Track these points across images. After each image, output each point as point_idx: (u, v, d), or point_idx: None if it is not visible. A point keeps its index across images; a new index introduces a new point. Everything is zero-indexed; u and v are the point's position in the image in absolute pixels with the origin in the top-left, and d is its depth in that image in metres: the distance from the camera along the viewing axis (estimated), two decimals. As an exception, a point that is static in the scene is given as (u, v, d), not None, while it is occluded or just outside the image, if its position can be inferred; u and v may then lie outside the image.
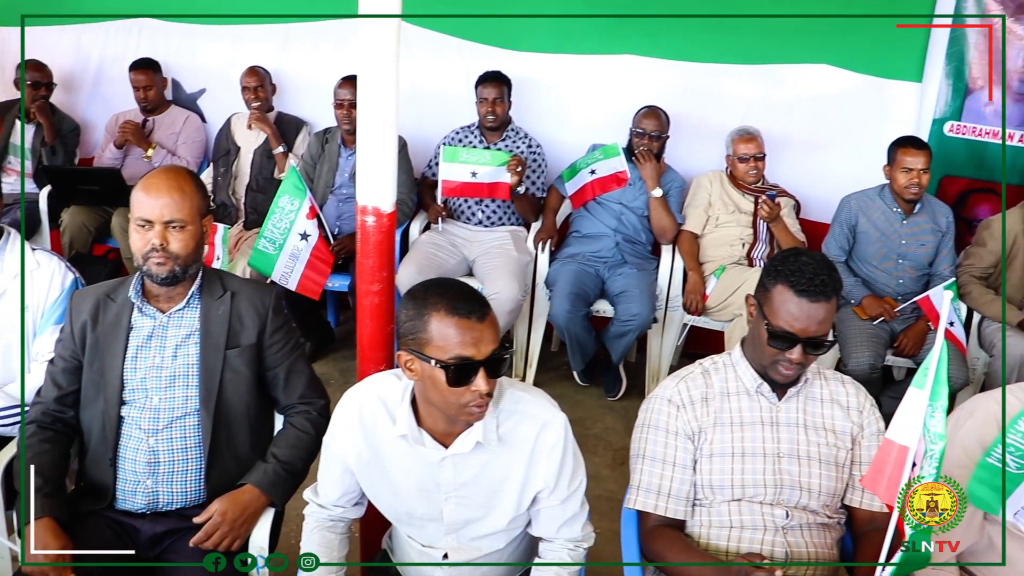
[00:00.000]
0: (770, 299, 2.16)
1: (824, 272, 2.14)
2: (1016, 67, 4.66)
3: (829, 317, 2.14)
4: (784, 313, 2.13)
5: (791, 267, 2.14)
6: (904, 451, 1.93)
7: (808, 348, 2.15)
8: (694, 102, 4.71)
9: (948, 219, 4.21)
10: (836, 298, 2.16)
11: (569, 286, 4.14)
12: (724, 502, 2.24)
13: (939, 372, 1.91)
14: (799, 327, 2.12)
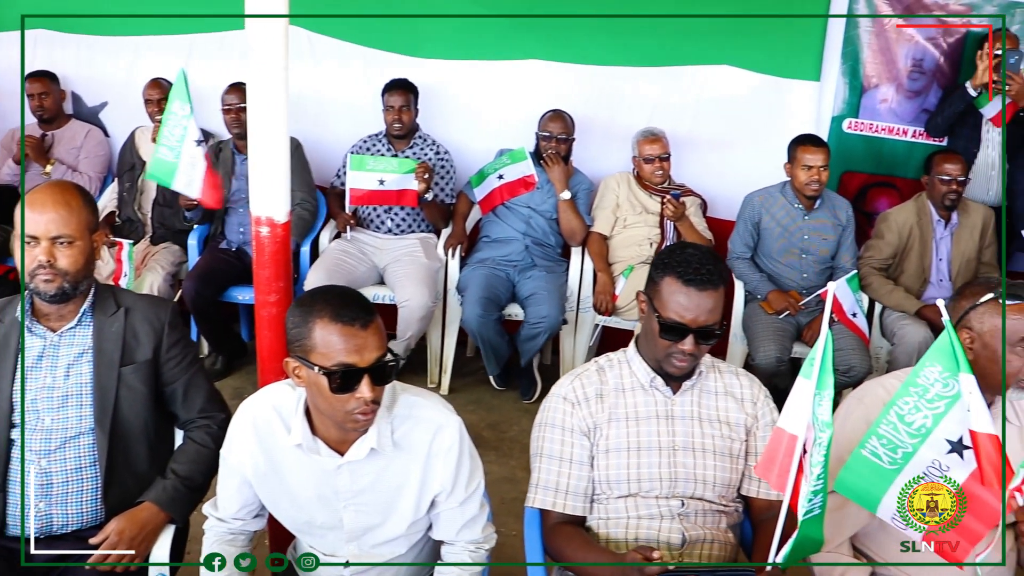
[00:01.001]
0: (659, 292, 2.19)
1: (710, 262, 2.18)
2: (907, 66, 4.80)
3: (718, 306, 2.18)
4: (674, 304, 2.16)
5: (677, 259, 2.18)
6: (793, 439, 1.97)
7: (699, 338, 2.18)
8: (600, 105, 4.76)
9: (848, 213, 4.33)
10: (723, 287, 2.20)
11: (480, 291, 4.15)
12: (620, 497, 2.26)
13: (824, 361, 1.95)
14: (689, 317, 2.15)
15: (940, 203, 4.22)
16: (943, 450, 2.10)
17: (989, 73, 4.20)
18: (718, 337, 2.22)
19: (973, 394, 2.02)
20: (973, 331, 2.26)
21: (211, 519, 2.24)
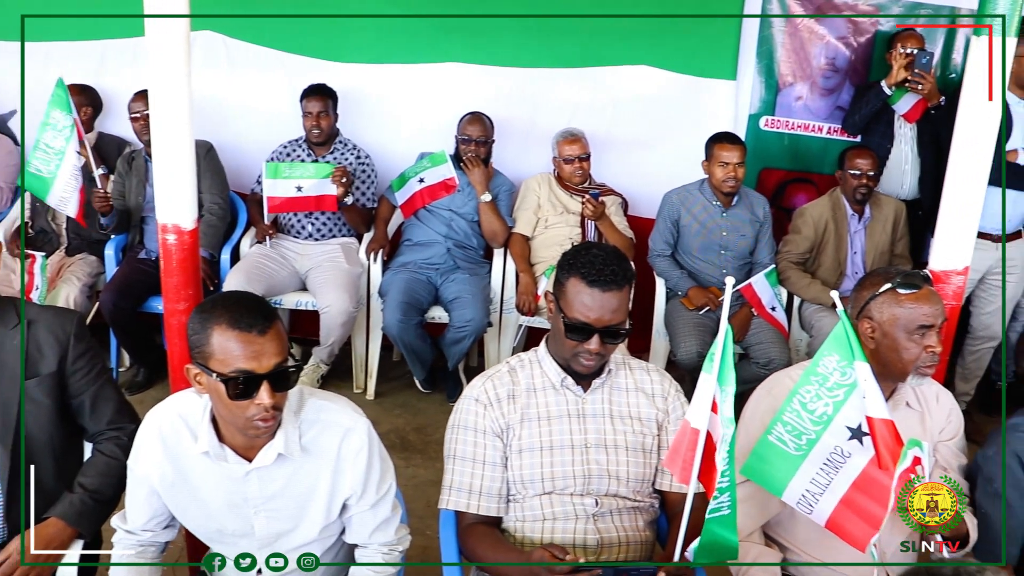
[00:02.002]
0: (565, 293, 2.21)
1: (614, 262, 2.19)
2: (820, 64, 4.90)
3: (623, 305, 2.20)
4: (579, 304, 2.18)
5: (582, 260, 2.20)
6: (695, 433, 2.01)
7: (606, 337, 2.20)
8: (520, 107, 4.77)
9: (765, 209, 4.40)
10: (629, 287, 2.22)
11: (401, 295, 4.14)
12: (535, 496, 2.28)
13: (725, 357, 1.99)
14: (594, 317, 2.17)
15: (852, 197, 4.32)
16: (844, 436, 2.16)
17: (927, 73, 4.30)
18: (624, 336, 2.25)
19: (868, 381, 2.07)
20: (874, 320, 2.32)
21: (119, 532, 2.20)
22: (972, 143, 2.49)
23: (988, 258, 4.29)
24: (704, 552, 2.07)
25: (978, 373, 4.64)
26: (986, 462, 2.44)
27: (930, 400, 2.48)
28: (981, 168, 2.51)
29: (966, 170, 2.52)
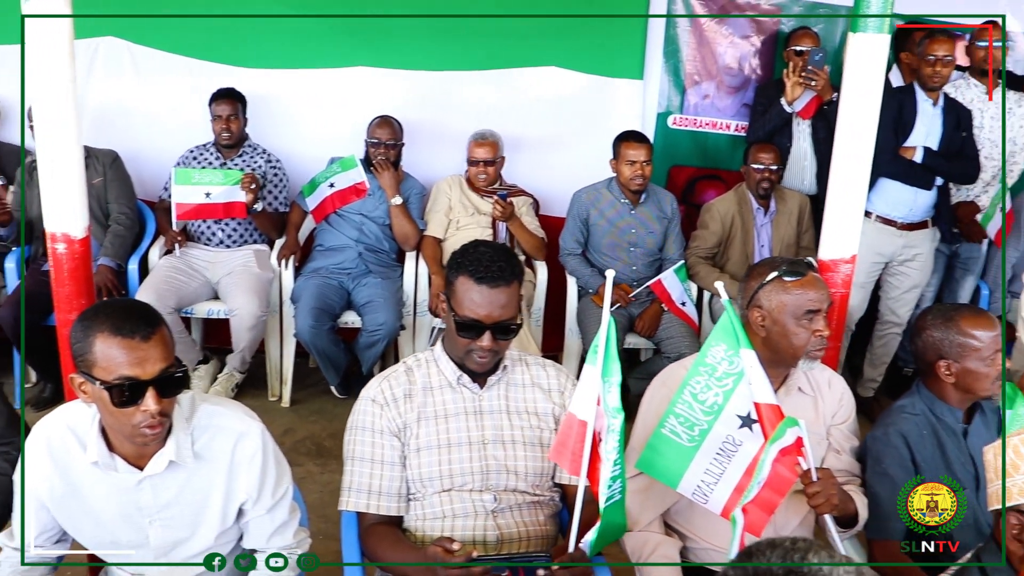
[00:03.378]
0: (455, 291, 2.23)
1: (502, 259, 2.22)
2: (725, 63, 5.01)
3: (512, 301, 2.22)
4: (468, 302, 2.20)
5: (470, 258, 2.22)
6: (583, 425, 2.03)
7: (497, 334, 2.22)
8: (430, 110, 4.78)
9: (673, 206, 4.47)
10: (517, 283, 2.25)
11: (312, 300, 4.11)
12: (435, 493, 2.29)
13: (608, 349, 2.02)
14: (483, 314, 2.19)
15: (757, 192, 4.41)
16: (735, 425, 2.21)
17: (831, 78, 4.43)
18: (515, 332, 2.27)
19: (753, 368, 2.12)
20: (763, 309, 2.37)
21: (6, 550, 2.15)
22: (854, 138, 2.58)
23: (893, 244, 4.43)
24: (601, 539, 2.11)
25: (886, 359, 4.77)
26: (875, 443, 2.52)
27: (822, 385, 2.54)
28: (863, 161, 2.59)
29: (849, 163, 2.60)
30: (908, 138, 4.27)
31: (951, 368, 2.45)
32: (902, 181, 4.30)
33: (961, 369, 2.44)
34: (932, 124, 4.29)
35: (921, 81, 4.21)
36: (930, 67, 4.15)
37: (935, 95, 4.28)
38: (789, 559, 1.16)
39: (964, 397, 2.50)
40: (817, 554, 1.16)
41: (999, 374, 2.42)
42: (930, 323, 2.52)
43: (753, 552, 1.20)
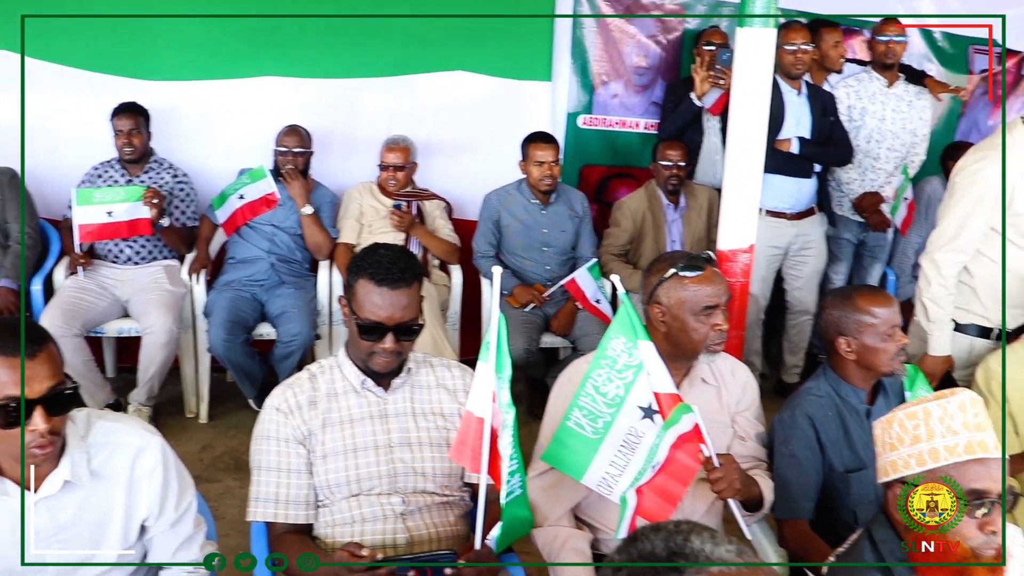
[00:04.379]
0: (355, 295, 2.23)
1: (401, 260, 2.23)
2: (632, 62, 5.08)
3: (413, 303, 2.23)
4: (369, 305, 2.20)
5: (369, 261, 2.22)
6: (480, 422, 2.05)
7: (399, 335, 2.22)
8: (340, 118, 4.76)
9: (584, 205, 4.52)
10: (418, 284, 2.26)
11: (225, 314, 4.06)
12: (343, 499, 2.28)
13: (500, 345, 2.04)
14: (385, 315, 2.19)
15: (666, 188, 4.48)
16: (637, 416, 2.24)
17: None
18: (417, 332, 2.28)
19: (651, 358, 2.16)
20: (662, 305, 2.41)
21: None
22: (746, 131, 2.63)
23: (786, 235, 4.56)
24: (507, 534, 2.12)
25: (802, 345, 4.90)
26: (781, 425, 2.58)
27: (725, 374, 2.59)
28: (756, 154, 2.65)
29: (742, 155, 2.66)
30: (780, 130, 4.38)
31: (851, 345, 2.52)
32: (782, 173, 4.43)
33: (860, 345, 2.51)
34: (800, 113, 4.42)
35: (784, 70, 4.33)
36: (791, 55, 4.27)
37: (798, 84, 4.41)
38: (672, 542, 1.18)
39: (866, 375, 2.57)
40: (700, 536, 1.18)
41: (898, 349, 2.49)
42: (829, 303, 2.60)
43: (638, 536, 1.22)
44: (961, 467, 1.73)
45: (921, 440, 1.77)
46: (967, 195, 3.09)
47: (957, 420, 1.76)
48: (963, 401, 1.78)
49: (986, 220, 3.08)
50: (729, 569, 1.13)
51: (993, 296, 3.19)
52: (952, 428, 1.75)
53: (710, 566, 1.13)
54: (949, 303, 3.16)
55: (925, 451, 1.76)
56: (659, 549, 1.16)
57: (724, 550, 1.15)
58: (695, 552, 1.15)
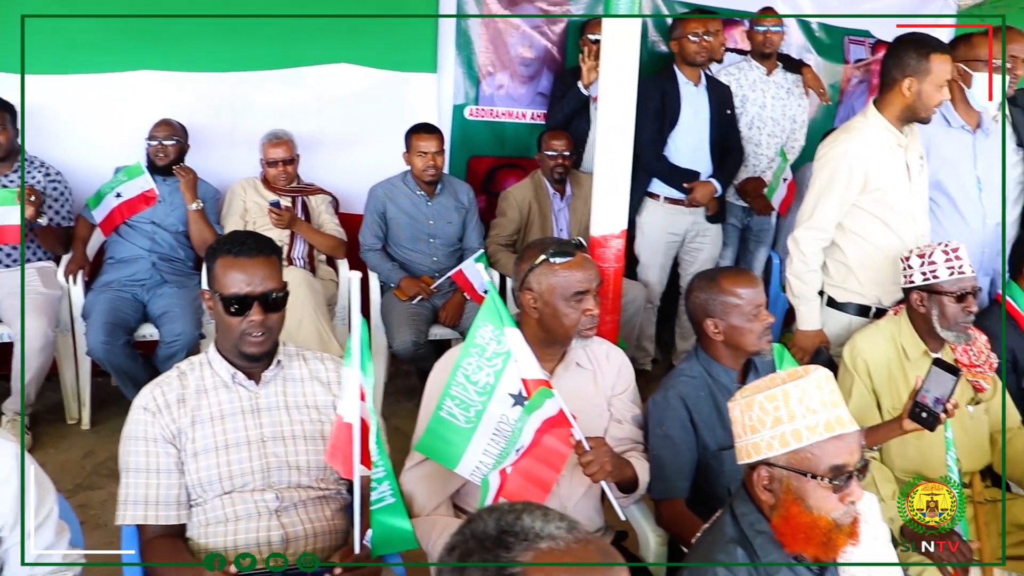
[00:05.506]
0: (216, 276, 2.25)
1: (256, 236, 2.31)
2: (518, 54, 5.09)
3: (274, 273, 2.27)
4: (230, 279, 2.22)
5: (223, 240, 2.31)
6: (348, 427, 2.02)
7: (265, 307, 2.23)
8: (221, 113, 4.66)
9: (470, 196, 4.53)
10: (276, 258, 2.30)
11: (104, 316, 3.94)
12: (216, 496, 2.25)
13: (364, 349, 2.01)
14: (247, 288, 2.21)
15: (552, 177, 4.52)
16: (508, 404, 2.25)
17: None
18: (282, 303, 2.28)
19: (518, 345, 2.17)
20: (534, 291, 2.44)
21: None
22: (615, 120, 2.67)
23: (684, 222, 4.64)
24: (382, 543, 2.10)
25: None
26: (655, 407, 2.63)
27: (600, 358, 2.62)
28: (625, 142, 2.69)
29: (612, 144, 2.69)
30: (677, 123, 4.46)
31: (718, 326, 2.59)
32: (665, 182, 4.53)
33: (727, 326, 2.57)
34: (698, 105, 4.51)
35: (687, 59, 4.41)
36: (695, 44, 4.36)
37: (696, 76, 4.49)
38: (504, 520, 1.19)
39: (735, 355, 2.63)
40: (531, 515, 1.20)
41: (763, 329, 2.56)
42: (696, 285, 2.66)
43: (474, 518, 1.23)
44: (823, 445, 1.78)
45: (783, 422, 1.81)
46: (821, 176, 3.21)
47: (815, 399, 1.81)
48: (819, 379, 1.84)
49: (839, 199, 3.19)
50: (558, 544, 1.15)
51: (868, 274, 3.31)
52: (811, 407, 1.80)
53: (539, 543, 1.15)
54: (812, 279, 3.27)
55: (788, 432, 1.80)
56: (490, 528, 1.19)
57: (554, 527, 1.18)
58: (525, 530, 1.17)
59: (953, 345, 2.98)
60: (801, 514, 1.80)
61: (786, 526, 1.82)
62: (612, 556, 1.22)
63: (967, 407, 2.99)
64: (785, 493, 1.81)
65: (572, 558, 1.15)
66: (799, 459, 1.80)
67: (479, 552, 1.17)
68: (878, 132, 3.20)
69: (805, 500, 1.80)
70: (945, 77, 3.09)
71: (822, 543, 1.80)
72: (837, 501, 1.79)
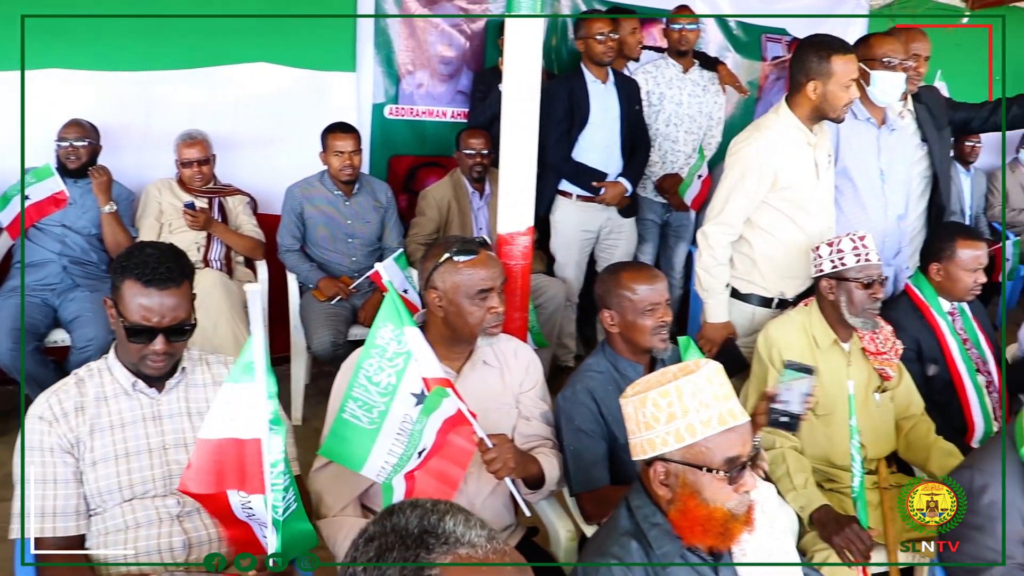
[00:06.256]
0: (122, 297, 2.17)
1: (169, 260, 2.18)
2: (437, 52, 5.10)
3: (182, 303, 2.19)
4: (136, 307, 2.15)
5: (135, 261, 2.17)
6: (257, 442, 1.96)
7: (170, 336, 2.18)
8: (135, 113, 4.56)
9: (388, 195, 4.52)
10: (188, 283, 2.21)
11: (10, 321, 3.83)
12: (116, 505, 2.21)
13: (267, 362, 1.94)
14: (155, 319, 2.15)
15: (471, 176, 4.53)
16: (411, 403, 2.25)
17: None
18: (189, 333, 2.24)
19: (417, 344, 2.18)
20: (439, 290, 2.45)
21: None
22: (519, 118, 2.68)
23: (598, 219, 4.70)
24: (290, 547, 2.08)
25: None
26: (565, 403, 2.66)
27: (508, 356, 2.64)
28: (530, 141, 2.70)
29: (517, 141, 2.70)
30: (587, 122, 4.50)
31: (614, 319, 2.64)
32: (573, 183, 4.58)
33: (622, 319, 2.62)
34: (608, 102, 4.56)
35: (595, 59, 4.46)
36: (600, 44, 4.41)
37: (603, 74, 4.54)
38: (427, 520, 1.20)
39: (634, 349, 2.68)
40: (454, 518, 1.20)
41: (655, 326, 2.60)
42: (600, 278, 2.73)
43: (395, 510, 1.24)
44: (716, 438, 1.82)
45: (677, 417, 1.84)
46: (732, 173, 3.28)
47: (707, 393, 1.85)
48: (710, 374, 1.87)
49: (749, 195, 3.25)
50: (476, 553, 1.17)
51: (772, 267, 3.38)
52: (704, 402, 1.83)
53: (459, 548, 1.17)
54: (720, 272, 3.33)
55: (682, 427, 1.83)
56: (412, 525, 1.19)
57: (475, 534, 1.19)
58: (447, 533, 1.18)
59: (861, 333, 3.05)
60: (698, 507, 1.84)
61: (684, 519, 1.86)
62: (526, 572, 1.23)
63: (874, 395, 3.08)
64: (682, 487, 1.84)
65: (488, 569, 1.16)
66: (694, 453, 1.83)
67: (399, 548, 1.17)
68: (788, 130, 3.26)
69: (701, 493, 1.83)
70: (849, 77, 3.16)
71: (719, 534, 1.84)
72: (732, 492, 1.83)
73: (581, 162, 4.61)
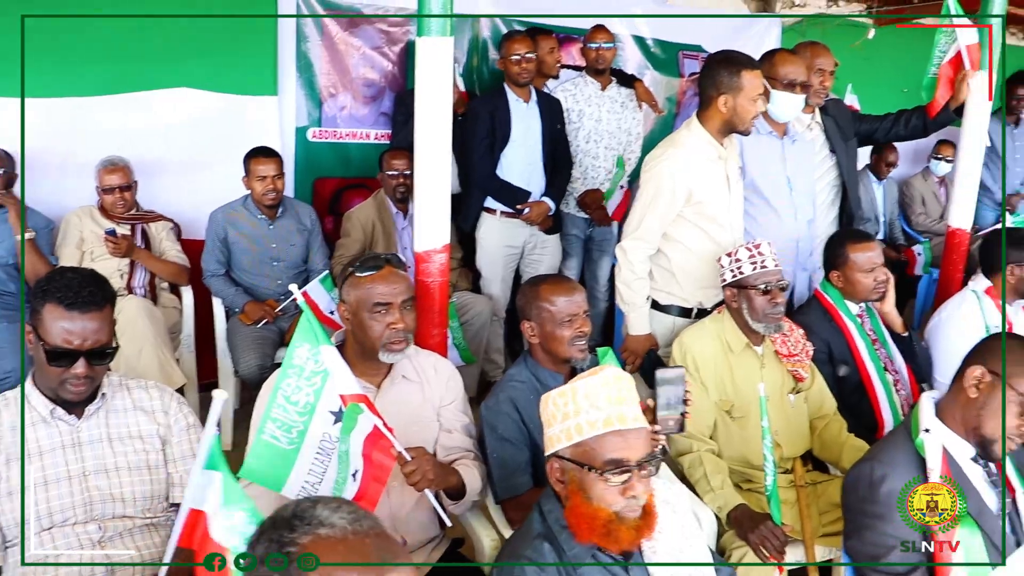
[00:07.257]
0: (43, 321, 2.18)
1: (91, 284, 2.21)
2: (359, 74, 5.15)
3: (105, 326, 2.22)
4: (58, 331, 2.16)
5: (56, 285, 2.19)
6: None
7: (92, 360, 2.19)
8: (54, 139, 4.52)
9: (312, 217, 4.55)
10: (110, 307, 2.24)
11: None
12: (35, 534, 2.21)
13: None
14: (77, 343, 2.16)
15: (394, 196, 4.58)
16: (330, 421, 2.30)
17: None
18: (111, 356, 2.25)
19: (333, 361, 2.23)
20: (346, 304, 2.51)
21: None
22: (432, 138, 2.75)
23: (521, 235, 4.81)
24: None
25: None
26: (488, 412, 2.73)
27: (428, 370, 2.70)
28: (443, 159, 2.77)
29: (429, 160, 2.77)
30: (509, 140, 4.59)
31: (533, 330, 2.72)
32: (497, 200, 4.69)
33: (540, 331, 2.71)
34: (530, 121, 4.66)
35: (512, 80, 4.56)
36: (516, 65, 4.52)
37: (526, 93, 4.65)
38: (299, 507, 1.31)
39: (551, 358, 2.75)
40: (327, 506, 1.31)
41: (573, 337, 2.68)
42: (521, 290, 2.82)
43: (285, 506, 1.35)
44: (601, 439, 1.89)
45: (570, 416, 1.92)
46: (647, 190, 3.38)
47: (601, 396, 1.92)
48: (607, 378, 1.95)
49: (664, 212, 3.35)
50: (335, 533, 1.27)
51: (689, 279, 3.48)
52: (596, 404, 1.91)
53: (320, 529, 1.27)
54: (640, 286, 3.42)
55: (572, 427, 1.91)
56: (287, 513, 1.31)
57: (338, 517, 1.29)
58: (312, 517, 1.28)
59: (772, 337, 3.16)
60: (582, 504, 1.90)
61: (572, 516, 1.93)
62: (389, 551, 1.30)
63: (788, 396, 3.19)
64: (571, 484, 1.92)
65: (345, 547, 1.26)
66: (580, 452, 1.91)
67: (269, 530, 1.30)
68: (700, 145, 3.37)
69: (587, 491, 1.90)
70: (757, 91, 3.28)
71: (603, 533, 1.90)
72: (618, 494, 1.89)
73: (505, 180, 4.69)
